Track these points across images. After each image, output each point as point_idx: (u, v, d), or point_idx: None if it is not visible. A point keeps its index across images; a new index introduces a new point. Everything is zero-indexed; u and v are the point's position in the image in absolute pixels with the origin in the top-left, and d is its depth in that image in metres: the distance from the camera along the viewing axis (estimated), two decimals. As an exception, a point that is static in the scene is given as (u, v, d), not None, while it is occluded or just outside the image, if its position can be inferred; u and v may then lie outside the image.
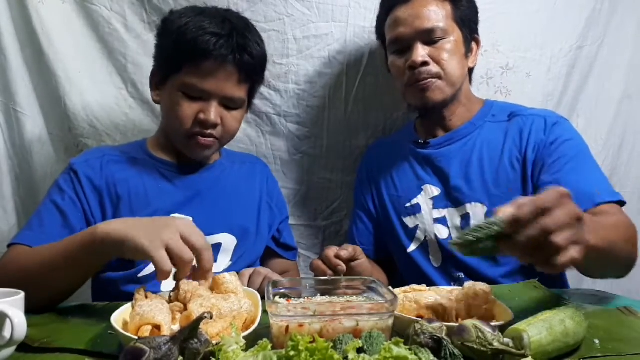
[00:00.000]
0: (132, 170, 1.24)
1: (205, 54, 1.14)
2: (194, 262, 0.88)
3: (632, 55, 1.65)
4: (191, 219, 1.15)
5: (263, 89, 1.52)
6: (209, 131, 1.19)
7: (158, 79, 1.24)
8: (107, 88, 1.49)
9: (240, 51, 1.17)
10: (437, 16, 1.24)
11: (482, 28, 1.36)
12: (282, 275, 1.37)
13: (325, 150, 1.56)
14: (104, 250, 0.91)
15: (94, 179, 1.20)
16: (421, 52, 1.23)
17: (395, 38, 1.28)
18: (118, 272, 1.18)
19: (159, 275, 0.84)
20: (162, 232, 0.86)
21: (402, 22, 1.26)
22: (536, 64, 1.56)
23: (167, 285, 1.16)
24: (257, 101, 1.53)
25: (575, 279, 1.34)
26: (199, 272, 0.88)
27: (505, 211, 0.70)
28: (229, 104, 1.21)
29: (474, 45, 1.33)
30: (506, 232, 0.70)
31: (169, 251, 0.84)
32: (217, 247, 1.24)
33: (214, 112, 1.17)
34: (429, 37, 1.24)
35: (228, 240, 1.26)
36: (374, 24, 1.52)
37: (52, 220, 1.13)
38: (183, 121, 1.18)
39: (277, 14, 1.49)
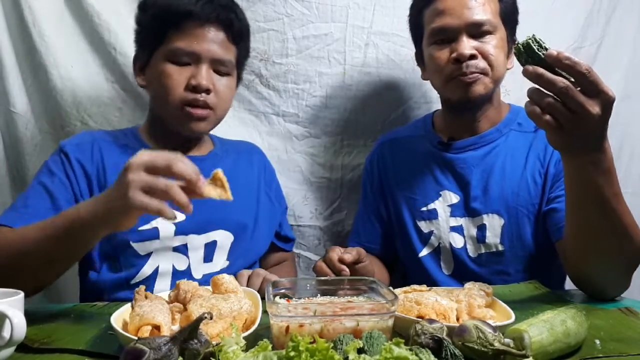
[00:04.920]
0: (123, 158, 1.13)
1: (189, 14, 1.13)
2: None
3: (632, 55, 1.65)
4: (182, 216, 1.09)
5: (262, 89, 1.52)
6: (202, 97, 1.14)
7: (142, 61, 1.21)
8: (98, 83, 1.47)
9: (225, 10, 1.16)
10: (487, 9, 1.19)
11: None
12: (279, 265, 1.35)
13: (324, 150, 1.56)
14: (90, 233, 0.89)
15: (85, 164, 1.16)
16: (468, 44, 1.18)
17: (440, 28, 1.21)
18: (108, 275, 1.14)
19: (166, 217, 0.81)
20: (127, 186, 0.81)
21: (450, 12, 1.19)
22: (535, 64, 1.56)
23: (161, 286, 1.15)
24: (255, 101, 1.53)
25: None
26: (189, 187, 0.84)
27: (561, 52, 0.81)
28: (219, 67, 1.17)
29: (512, 47, 1.25)
30: (546, 60, 0.82)
31: (146, 191, 0.81)
32: (212, 245, 1.20)
33: (205, 75, 1.14)
34: (477, 30, 1.19)
35: (224, 237, 1.22)
36: (373, 24, 1.51)
37: (38, 202, 1.08)
38: (174, 89, 1.13)
39: (277, 14, 1.49)
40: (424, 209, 1.30)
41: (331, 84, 1.53)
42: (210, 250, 1.21)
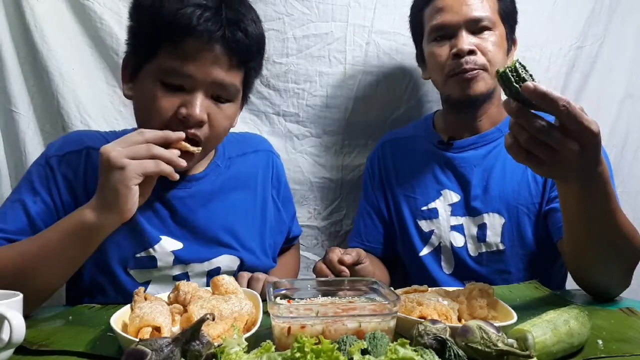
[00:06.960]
0: None
1: (187, 29, 0.94)
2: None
3: (634, 54, 1.64)
4: (181, 245, 1.09)
5: (262, 89, 1.52)
6: (192, 131, 0.97)
7: (131, 69, 1.04)
8: (100, 86, 1.46)
9: (232, 27, 0.97)
10: (485, 6, 1.21)
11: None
12: (282, 255, 1.32)
13: (324, 150, 1.55)
14: (98, 230, 0.90)
15: (71, 180, 1.05)
16: (467, 39, 1.19)
17: (439, 25, 1.23)
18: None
19: (167, 172, 0.87)
20: (113, 163, 0.84)
21: (449, 9, 1.21)
22: (536, 63, 1.56)
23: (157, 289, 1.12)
24: (256, 100, 1.52)
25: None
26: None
27: (537, 85, 0.75)
28: (218, 92, 1.00)
29: (512, 45, 1.29)
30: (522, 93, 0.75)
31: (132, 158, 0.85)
32: (215, 272, 1.12)
33: (199, 104, 0.96)
34: (475, 26, 1.21)
35: (228, 262, 1.14)
36: (374, 22, 1.51)
37: (17, 226, 1.00)
38: (158, 117, 0.97)
39: (277, 13, 1.49)
40: (425, 208, 1.30)
41: (332, 83, 1.53)
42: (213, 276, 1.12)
